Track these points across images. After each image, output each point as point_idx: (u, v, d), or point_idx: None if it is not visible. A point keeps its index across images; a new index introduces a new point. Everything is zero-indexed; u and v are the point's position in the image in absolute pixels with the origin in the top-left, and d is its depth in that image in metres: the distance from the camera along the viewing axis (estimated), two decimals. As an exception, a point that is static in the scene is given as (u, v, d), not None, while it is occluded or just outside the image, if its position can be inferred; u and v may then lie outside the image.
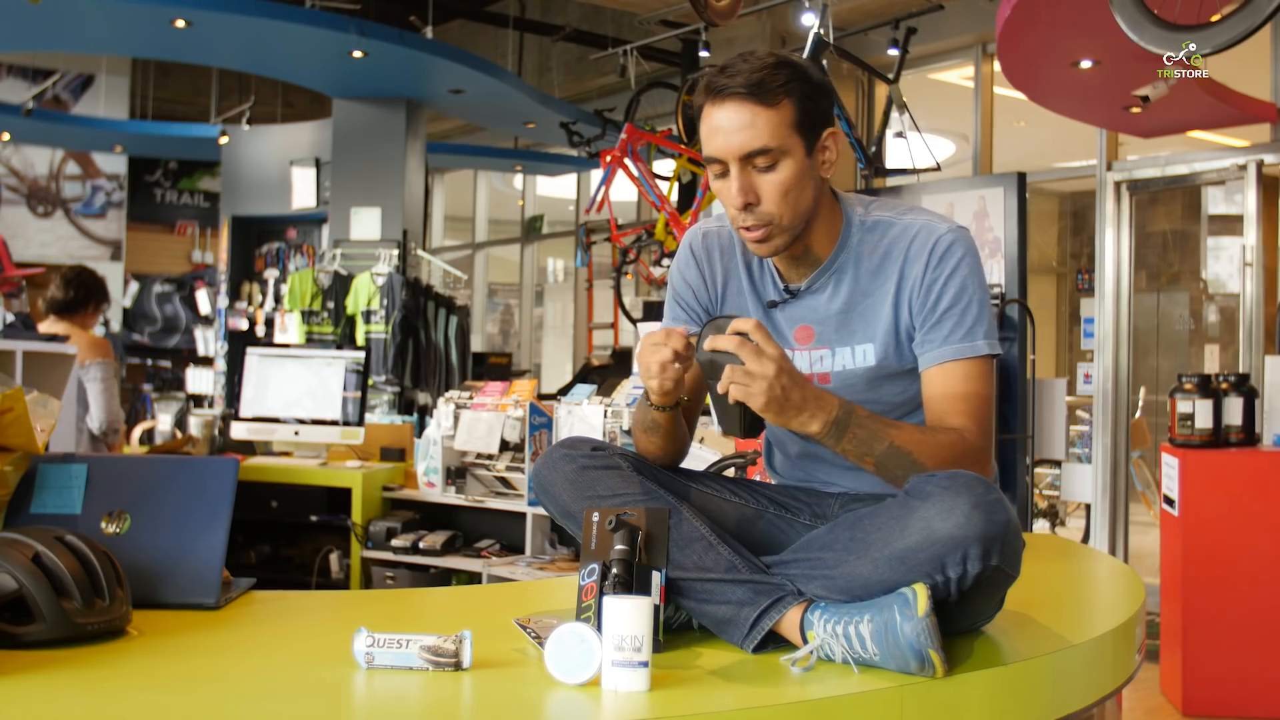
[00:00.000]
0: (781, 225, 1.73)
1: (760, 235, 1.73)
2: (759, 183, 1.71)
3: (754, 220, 1.72)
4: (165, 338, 12.16)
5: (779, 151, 1.70)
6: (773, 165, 1.70)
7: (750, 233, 1.74)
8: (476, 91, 8.90)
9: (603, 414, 4.08)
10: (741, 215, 1.72)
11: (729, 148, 1.69)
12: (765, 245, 1.75)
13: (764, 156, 1.69)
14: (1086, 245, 9.19)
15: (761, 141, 1.69)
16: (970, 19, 7.44)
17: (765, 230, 1.73)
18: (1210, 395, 4.32)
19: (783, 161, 1.70)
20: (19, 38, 8.15)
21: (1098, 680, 1.70)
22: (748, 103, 1.68)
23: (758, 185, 1.71)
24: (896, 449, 1.65)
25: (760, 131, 1.68)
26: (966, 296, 1.75)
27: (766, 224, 1.72)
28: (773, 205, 1.71)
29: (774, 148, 1.69)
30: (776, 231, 1.73)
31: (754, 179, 1.71)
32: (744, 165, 1.70)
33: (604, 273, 10.70)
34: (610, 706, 1.34)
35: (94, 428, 4.56)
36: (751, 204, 1.71)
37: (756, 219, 1.72)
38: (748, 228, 1.73)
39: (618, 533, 1.60)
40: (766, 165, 1.70)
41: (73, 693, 1.38)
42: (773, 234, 1.73)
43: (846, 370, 1.81)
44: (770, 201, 1.71)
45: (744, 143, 1.69)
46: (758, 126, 1.68)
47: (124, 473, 1.91)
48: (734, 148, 1.69)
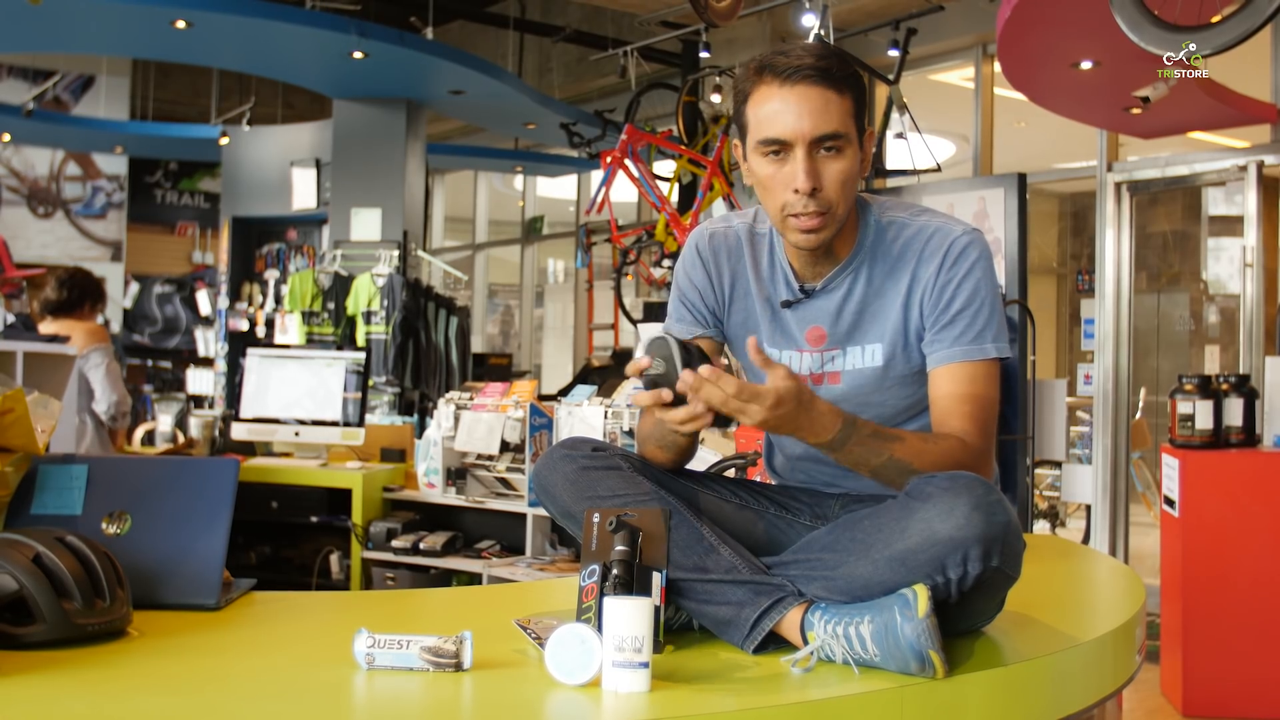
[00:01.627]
0: (835, 215, 1.72)
1: (816, 224, 1.71)
2: (824, 169, 1.69)
3: (815, 206, 1.70)
4: (165, 338, 12.16)
5: (845, 139, 1.69)
6: (839, 152, 1.69)
7: (803, 220, 1.71)
8: (477, 92, 8.90)
9: (603, 415, 4.08)
10: (801, 200, 1.69)
11: (801, 130, 1.68)
12: (816, 235, 1.72)
13: (833, 141, 1.68)
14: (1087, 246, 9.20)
15: (833, 126, 1.68)
16: (970, 20, 7.44)
17: (822, 219, 1.71)
18: (1210, 396, 4.32)
19: (846, 150, 1.70)
20: (19, 38, 8.15)
21: (1098, 681, 1.70)
22: (821, 86, 1.67)
23: (822, 171, 1.69)
24: (895, 460, 1.65)
25: (833, 116, 1.68)
26: (979, 299, 1.75)
27: (824, 212, 1.70)
28: (834, 193, 1.70)
29: (843, 134, 1.69)
30: (830, 221, 1.72)
31: (819, 164, 1.69)
32: (812, 149, 1.68)
33: (604, 273, 10.71)
34: (611, 707, 1.34)
35: (101, 412, 4.57)
36: (817, 189, 1.69)
37: (818, 205, 1.70)
38: (802, 215, 1.70)
39: (618, 534, 1.60)
40: (833, 150, 1.69)
41: (73, 693, 1.38)
42: (826, 224, 1.72)
43: (856, 370, 1.81)
44: (832, 189, 1.70)
45: (817, 125, 1.67)
46: (830, 111, 1.68)
47: (124, 473, 1.91)
48: (806, 130, 1.67)
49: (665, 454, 1.80)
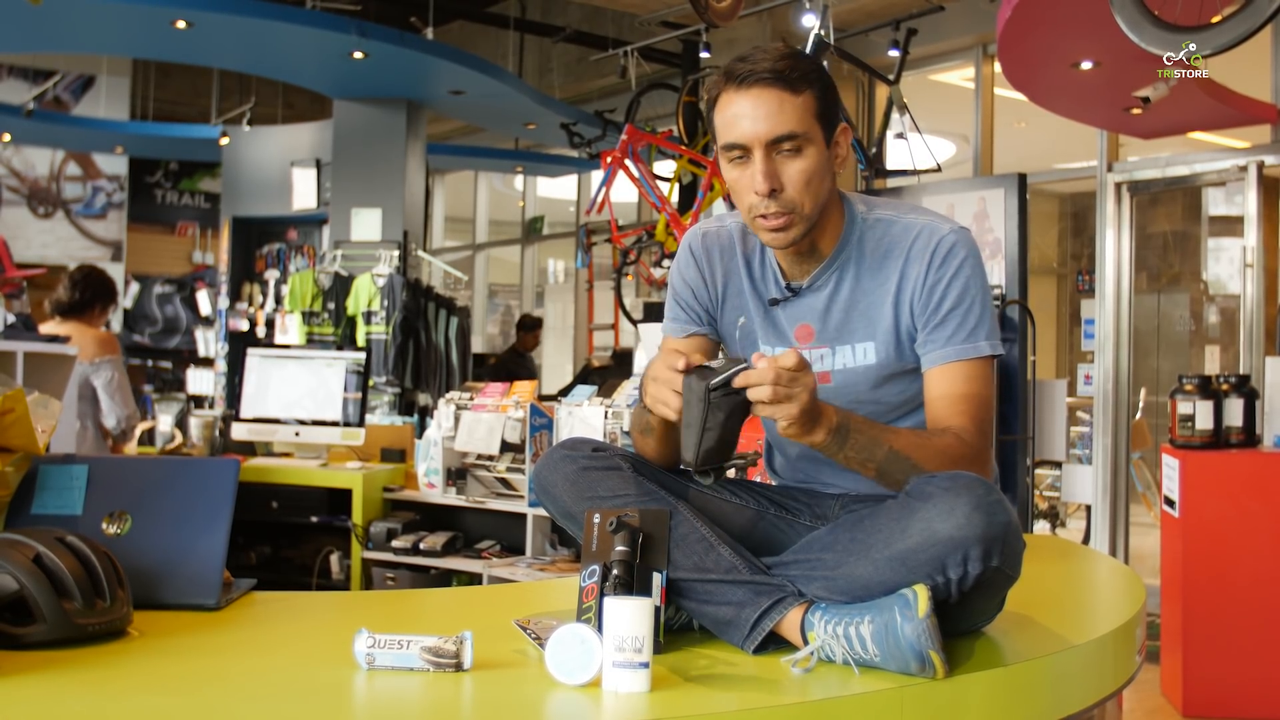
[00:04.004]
0: (802, 214, 1.72)
1: (781, 224, 1.72)
2: (783, 169, 1.70)
3: (777, 207, 1.71)
4: (166, 338, 12.15)
5: (804, 138, 1.70)
6: (797, 151, 1.70)
7: (769, 221, 1.72)
8: (477, 92, 8.89)
9: (603, 415, 4.07)
10: (763, 202, 1.71)
11: (755, 133, 1.69)
12: (783, 235, 1.73)
13: (790, 142, 1.69)
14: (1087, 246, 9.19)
15: (789, 127, 1.68)
16: (970, 20, 7.44)
17: (786, 219, 1.72)
18: (1211, 396, 4.32)
19: (807, 149, 1.70)
20: (20, 39, 8.14)
21: (1098, 681, 1.70)
22: (774, 88, 1.68)
23: (781, 172, 1.70)
24: (896, 453, 1.65)
25: (788, 117, 1.68)
26: (969, 298, 1.75)
27: (789, 212, 1.71)
28: (795, 192, 1.71)
29: (800, 134, 1.69)
30: (796, 220, 1.72)
31: (777, 165, 1.70)
32: (769, 151, 1.69)
33: (604, 274, 10.70)
34: (611, 707, 1.34)
35: (111, 424, 4.56)
36: (776, 190, 1.70)
37: (780, 206, 1.71)
38: (767, 215, 1.72)
39: (618, 534, 1.60)
40: (791, 151, 1.70)
41: (73, 693, 1.38)
42: (793, 223, 1.72)
43: (847, 369, 1.81)
44: (793, 188, 1.70)
45: (771, 128, 1.68)
46: (785, 112, 1.68)
47: (125, 473, 1.91)
48: (761, 133, 1.68)
49: (647, 441, 1.81)
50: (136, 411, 4.70)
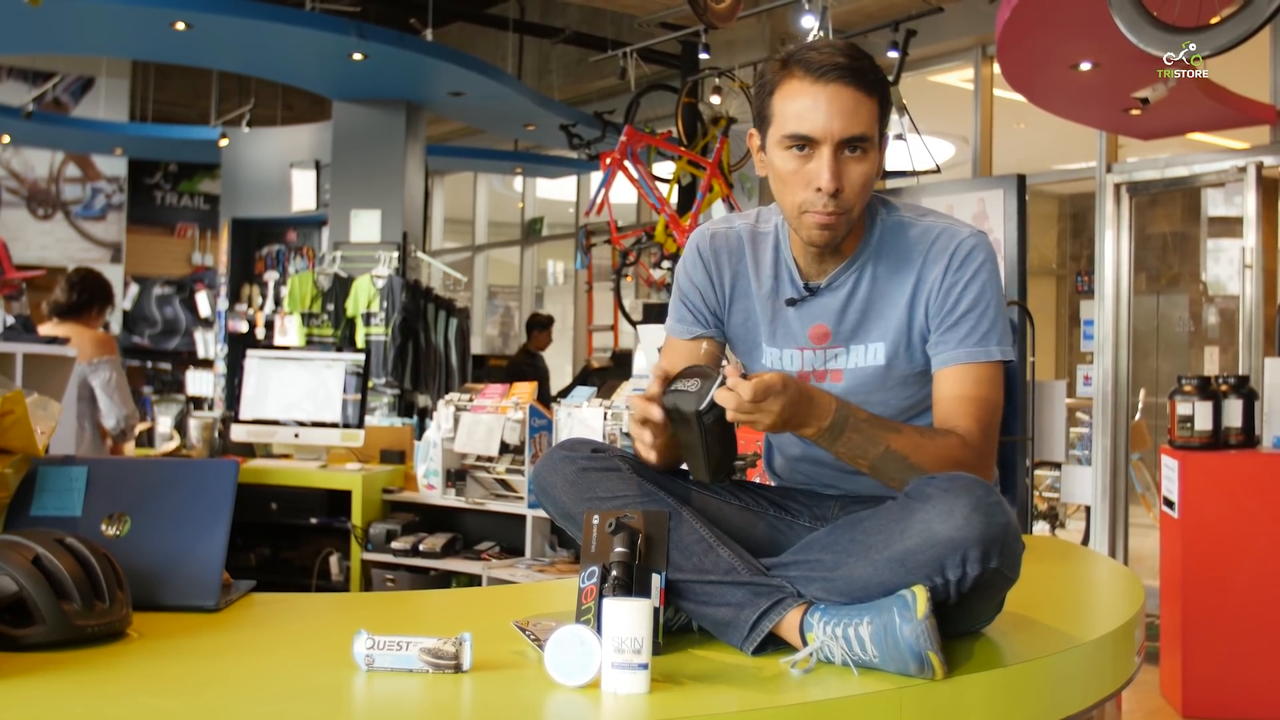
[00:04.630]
0: (851, 216, 1.72)
1: (834, 221, 1.71)
2: (846, 170, 1.69)
3: (835, 206, 1.70)
4: (165, 340, 12.14)
5: (870, 143, 1.70)
6: (864, 155, 1.70)
7: (821, 217, 1.71)
8: (476, 94, 8.90)
9: (602, 416, 4.08)
10: (822, 199, 1.69)
11: (831, 129, 1.67)
12: (830, 233, 1.73)
13: (860, 144, 1.69)
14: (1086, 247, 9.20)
15: (863, 128, 1.68)
16: (970, 21, 7.44)
17: (840, 218, 1.71)
18: (1210, 397, 4.32)
19: (870, 153, 1.70)
20: (19, 40, 8.14)
21: (1097, 682, 1.70)
22: (853, 87, 1.67)
23: (845, 172, 1.69)
24: (892, 452, 1.65)
25: (863, 118, 1.68)
26: (984, 302, 1.75)
27: (843, 212, 1.71)
28: (853, 195, 1.71)
29: (869, 137, 1.69)
30: (845, 221, 1.72)
31: (843, 165, 1.69)
32: (838, 150, 1.68)
33: (604, 275, 10.70)
34: (610, 709, 1.34)
35: (110, 425, 4.56)
36: (840, 190, 1.69)
37: (838, 205, 1.70)
38: (822, 212, 1.70)
39: (617, 535, 1.60)
40: (858, 152, 1.69)
41: (72, 695, 1.38)
42: (841, 222, 1.72)
43: (859, 368, 1.81)
44: (852, 190, 1.70)
45: (847, 126, 1.67)
46: (861, 113, 1.68)
47: (124, 475, 1.91)
48: (837, 130, 1.67)
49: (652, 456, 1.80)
50: (136, 411, 4.70)
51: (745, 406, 1.53)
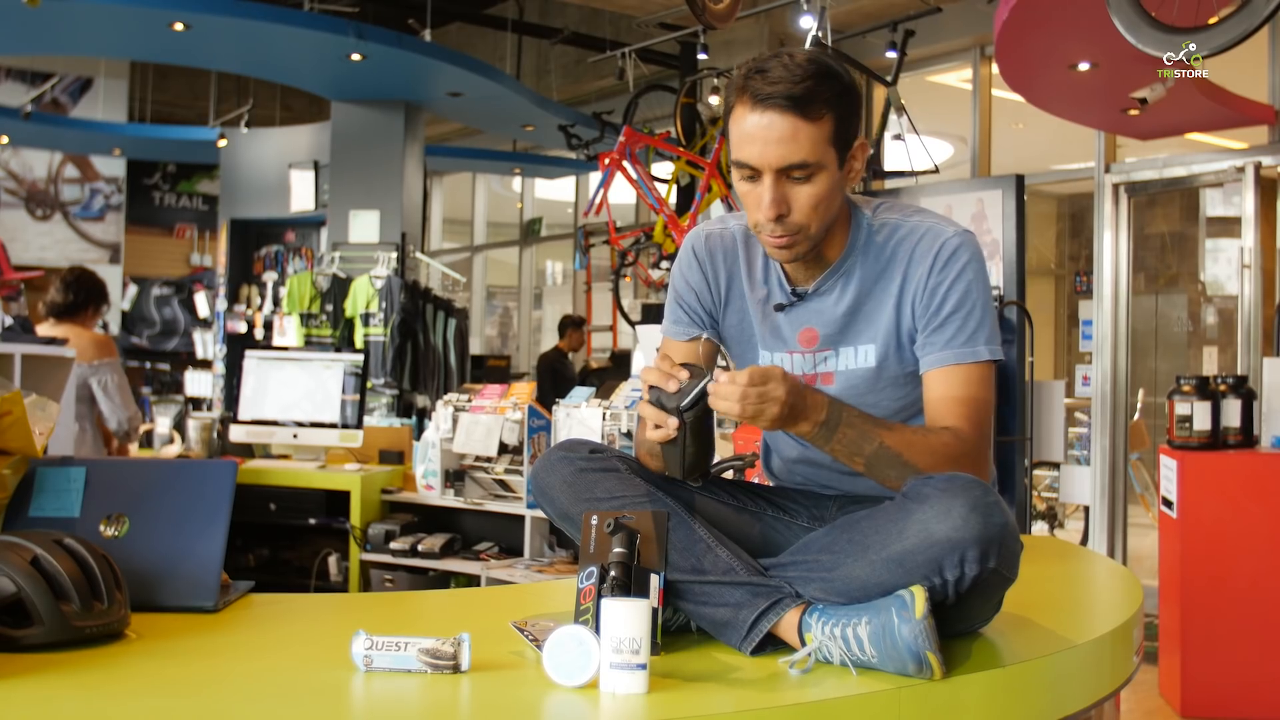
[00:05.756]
0: (807, 234, 1.72)
1: (785, 243, 1.72)
2: (792, 194, 1.69)
3: (782, 230, 1.70)
4: (164, 341, 12.13)
5: (816, 166, 1.68)
6: (808, 178, 1.68)
7: (774, 240, 1.72)
8: (475, 94, 8.90)
9: (601, 417, 4.07)
10: (769, 225, 1.70)
11: (765, 158, 1.67)
12: (787, 252, 1.74)
13: (800, 170, 1.67)
14: (1085, 247, 9.20)
15: (801, 156, 1.66)
16: (968, 21, 7.44)
17: (791, 239, 1.71)
18: (1208, 397, 4.32)
19: (818, 175, 1.69)
20: (17, 41, 8.14)
21: (1096, 682, 1.70)
22: (789, 115, 1.64)
23: (790, 196, 1.69)
24: (886, 449, 1.65)
25: (800, 146, 1.66)
26: (970, 301, 1.75)
27: (794, 233, 1.71)
28: (803, 216, 1.70)
29: (812, 162, 1.67)
30: (801, 240, 1.72)
31: (787, 190, 1.68)
32: (779, 177, 1.68)
33: (602, 275, 10.71)
34: (608, 709, 1.34)
35: (113, 427, 4.56)
36: (783, 215, 1.69)
37: (784, 229, 1.70)
38: (771, 236, 1.72)
39: (616, 535, 1.60)
40: (802, 178, 1.68)
41: (71, 696, 1.38)
42: (797, 242, 1.72)
43: (849, 371, 1.81)
44: (801, 213, 1.70)
45: (783, 156, 1.66)
46: (799, 140, 1.65)
47: (122, 476, 1.91)
48: (771, 159, 1.66)
49: (656, 463, 1.80)
50: (139, 412, 4.69)
51: (750, 395, 1.53)
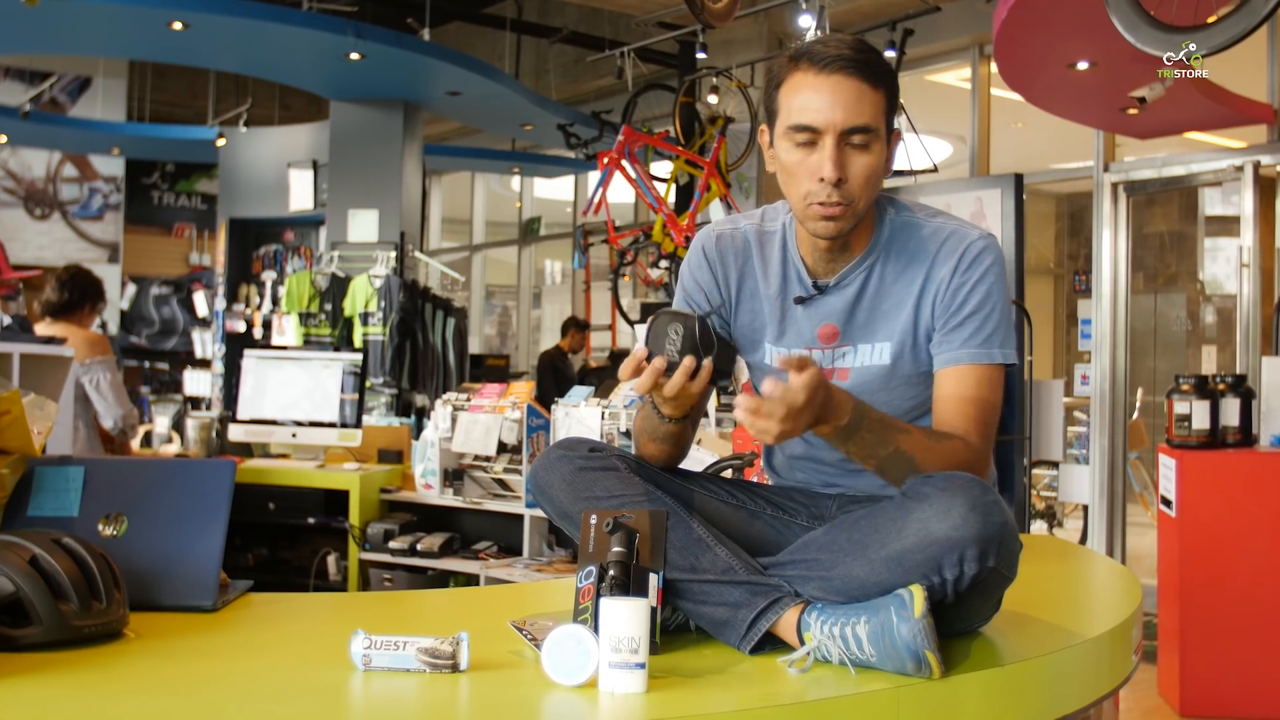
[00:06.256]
0: (856, 209, 1.72)
1: (837, 213, 1.71)
2: (849, 161, 1.69)
3: (839, 197, 1.70)
4: (162, 340, 12.12)
5: (874, 135, 1.70)
6: (866, 146, 1.70)
7: (826, 209, 1.71)
8: (474, 93, 8.89)
9: (600, 416, 4.07)
10: (826, 189, 1.69)
11: (833, 120, 1.67)
12: (835, 224, 1.72)
13: (862, 135, 1.69)
14: (1084, 246, 9.20)
15: (866, 119, 1.68)
16: (967, 20, 7.44)
17: (844, 209, 1.71)
18: (1207, 396, 4.32)
19: (874, 145, 1.70)
20: (16, 40, 8.14)
21: (1095, 681, 1.70)
22: (855, 78, 1.67)
23: (848, 163, 1.69)
24: (900, 453, 1.65)
25: (866, 109, 1.68)
26: (990, 304, 1.75)
27: (847, 203, 1.71)
28: (857, 186, 1.70)
29: (874, 128, 1.69)
30: (850, 214, 1.72)
31: (846, 156, 1.69)
32: (841, 140, 1.68)
33: (601, 274, 10.70)
34: (607, 708, 1.34)
35: (108, 426, 4.56)
36: (843, 180, 1.69)
37: (841, 196, 1.70)
38: (826, 203, 1.70)
39: (615, 535, 1.60)
40: (861, 144, 1.69)
41: (70, 695, 1.38)
42: (846, 214, 1.72)
43: (865, 367, 1.81)
44: (856, 182, 1.70)
45: (849, 117, 1.67)
46: (864, 104, 1.68)
47: (121, 475, 1.91)
48: (839, 120, 1.67)
49: (658, 447, 1.80)
50: (134, 410, 4.69)
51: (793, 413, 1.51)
